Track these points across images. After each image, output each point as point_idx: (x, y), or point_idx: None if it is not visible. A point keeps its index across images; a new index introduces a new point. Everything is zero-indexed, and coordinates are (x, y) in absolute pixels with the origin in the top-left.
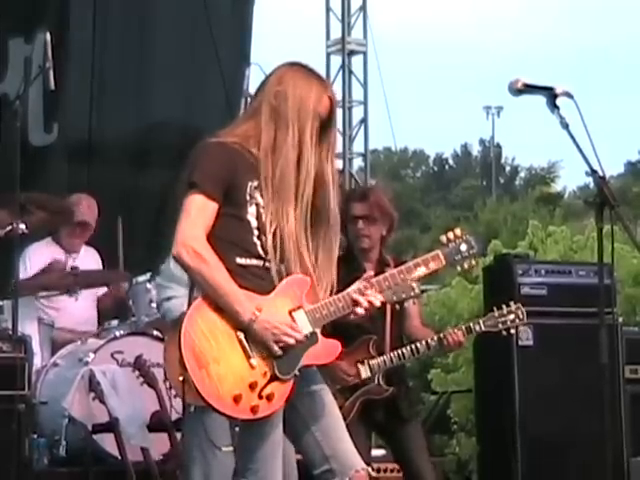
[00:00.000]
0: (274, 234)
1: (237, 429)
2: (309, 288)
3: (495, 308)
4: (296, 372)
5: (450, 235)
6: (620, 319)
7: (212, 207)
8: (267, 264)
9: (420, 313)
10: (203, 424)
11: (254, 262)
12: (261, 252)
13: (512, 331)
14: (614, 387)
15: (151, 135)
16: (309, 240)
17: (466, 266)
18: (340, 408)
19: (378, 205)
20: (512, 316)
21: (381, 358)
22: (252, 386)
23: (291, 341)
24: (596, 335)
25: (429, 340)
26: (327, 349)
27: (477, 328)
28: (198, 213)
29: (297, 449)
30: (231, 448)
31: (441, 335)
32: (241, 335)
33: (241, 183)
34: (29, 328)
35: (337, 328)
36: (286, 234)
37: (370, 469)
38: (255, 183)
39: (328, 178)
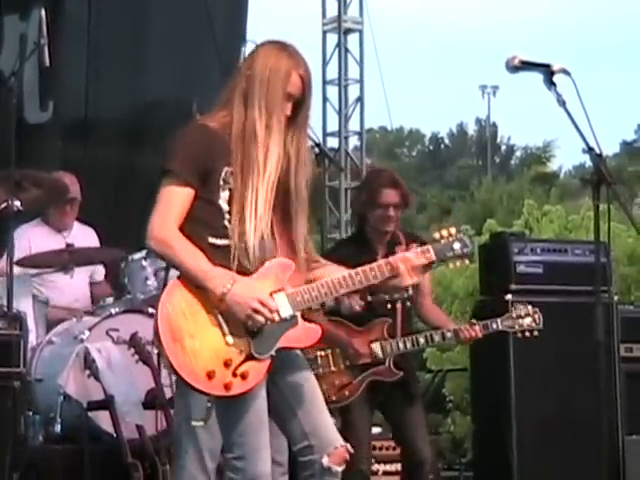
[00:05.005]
0: (242, 217)
1: (209, 404)
2: (293, 272)
3: (513, 308)
4: (273, 352)
5: (444, 232)
6: (616, 297)
7: (187, 193)
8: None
9: (430, 290)
10: (186, 398)
11: (225, 242)
12: (231, 234)
13: (527, 334)
14: (609, 365)
15: (146, 113)
16: (274, 221)
17: (458, 264)
18: (347, 385)
19: (407, 192)
20: (529, 320)
21: (394, 341)
22: (227, 363)
23: (259, 318)
24: (592, 313)
25: (445, 331)
26: (308, 333)
27: (494, 326)
28: (170, 202)
29: (277, 425)
30: (201, 423)
31: (457, 328)
32: (219, 313)
33: (217, 168)
34: (24, 305)
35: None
36: (255, 217)
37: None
38: (231, 168)
39: (301, 157)
